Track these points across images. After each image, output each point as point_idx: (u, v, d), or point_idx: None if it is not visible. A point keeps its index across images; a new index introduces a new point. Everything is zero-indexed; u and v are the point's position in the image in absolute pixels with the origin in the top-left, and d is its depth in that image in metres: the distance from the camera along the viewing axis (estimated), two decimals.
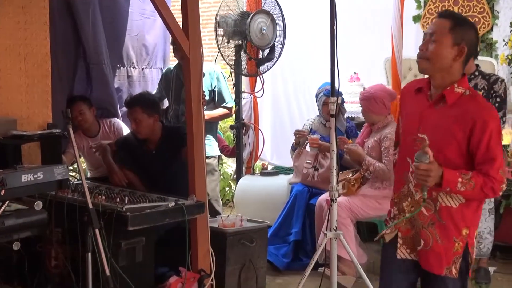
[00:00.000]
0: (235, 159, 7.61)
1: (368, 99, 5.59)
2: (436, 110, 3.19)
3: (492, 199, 5.38)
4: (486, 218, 5.40)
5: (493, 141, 3.06)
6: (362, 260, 5.32)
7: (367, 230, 6.35)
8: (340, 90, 4.79)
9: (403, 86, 3.56)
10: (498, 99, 5.23)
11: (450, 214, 3.17)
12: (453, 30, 3.10)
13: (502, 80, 5.31)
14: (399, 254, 3.33)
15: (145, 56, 6.77)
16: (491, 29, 8.69)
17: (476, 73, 5.27)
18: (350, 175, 5.60)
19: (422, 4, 8.93)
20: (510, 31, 7.92)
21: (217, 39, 6.24)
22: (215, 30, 6.24)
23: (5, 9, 4.76)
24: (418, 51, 3.19)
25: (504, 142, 8.13)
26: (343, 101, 6.18)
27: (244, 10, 6.51)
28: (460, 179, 3.03)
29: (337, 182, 4.32)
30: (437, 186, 3.07)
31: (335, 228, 4.48)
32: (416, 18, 8.89)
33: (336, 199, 4.38)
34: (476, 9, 8.73)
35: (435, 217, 3.18)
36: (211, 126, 6.03)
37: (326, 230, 4.46)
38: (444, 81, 3.18)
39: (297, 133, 6.29)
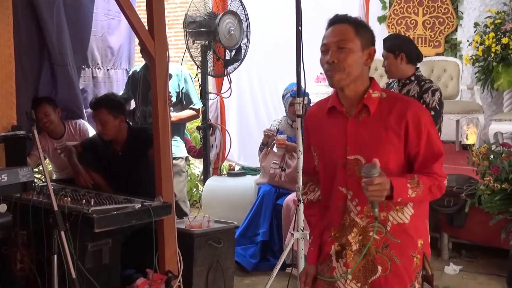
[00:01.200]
0: (202, 160, 7.61)
1: None
2: (360, 124, 2.89)
3: None
4: None
5: (432, 134, 2.86)
6: None
7: None
8: (306, 91, 4.82)
9: (306, 115, 3.20)
10: (432, 113, 4.71)
11: (404, 230, 2.90)
12: (358, 34, 2.86)
13: (436, 90, 4.86)
14: None
15: (110, 57, 6.73)
16: (456, 29, 8.81)
17: (413, 78, 4.90)
18: None
19: (387, 5, 9.02)
20: (474, 32, 8.02)
21: (186, 40, 6.23)
22: (184, 31, 6.22)
23: None
24: (326, 65, 2.87)
25: (469, 142, 8.25)
26: (309, 102, 6.21)
27: (211, 10, 6.52)
28: (409, 185, 2.77)
29: None
30: (389, 199, 2.75)
31: (302, 228, 4.50)
32: (381, 19, 8.98)
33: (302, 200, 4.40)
34: (440, 9, 8.84)
35: (388, 239, 2.89)
36: (178, 127, 6.02)
37: (293, 230, 4.48)
38: (357, 91, 2.90)
39: (268, 131, 6.28)
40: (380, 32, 8.27)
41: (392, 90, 4.95)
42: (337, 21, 2.92)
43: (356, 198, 2.88)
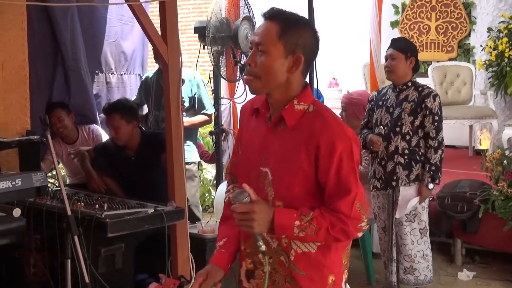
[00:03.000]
0: (214, 165, 7.60)
1: (357, 105, 5.57)
2: (276, 136, 2.47)
3: (425, 218, 5.02)
4: (417, 240, 4.98)
5: (344, 168, 2.36)
6: None
7: None
8: (322, 95, 4.82)
9: (241, 109, 2.79)
10: (436, 118, 4.79)
11: (310, 261, 2.47)
12: (283, 37, 2.38)
13: (436, 95, 4.84)
14: None
15: (124, 62, 6.76)
16: (469, 34, 8.80)
17: (409, 84, 4.92)
18: None
19: (400, 9, 9.02)
20: (487, 37, 8.01)
21: (210, 45, 6.21)
22: (207, 36, 6.20)
23: None
24: (246, 67, 2.47)
25: (482, 147, 8.23)
26: None
27: (225, 16, 6.53)
28: (297, 222, 2.31)
29: None
30: (272, 232, 2.36)
31: None
32: (394, 24, 8.99)
33: None
34: (453, 14, 8.83)
35: (292, 270, 2.46)
36: (191, 132, 6.02)
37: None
38: (281, 98, 2.46)
39: None
40: (393, 37, 8.27)
41: (386, 96, 4.97)
42: (267, 16, 2.46)
43: None
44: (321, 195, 2.42)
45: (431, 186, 4.86)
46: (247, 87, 2.62)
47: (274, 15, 2.43)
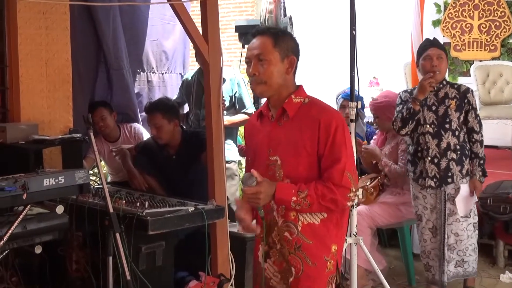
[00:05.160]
0: None
1: (386, 107, 5.53)
2: (281, 127, 3.09)
3: (475, 213, 5.13)
4: (471, 234, 5.09)
5: (337, 139, 2.94)
6: (381, 265, 5.28)
7: (386, 236, 6.34)
8: (362, 95, 4.80)
9: (245, 126, 3.51)
10: (477, 112, 5.02)
11: (314, 232, 3.02)
12: (277, 45, 3.02)
13: (472, 91, 5.08)
14: None
15: (165, 61, 6.80)
16: None
17: (444, 82, 5.06)
18: (368, 182, 5.56)
19: (442, 8, 8.93)
20: None
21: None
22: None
23: (27, 14, 4.80)
24: (250, 77, 3.07)
25: None
26: (363, 106, 6.14)
27: (272, 14, 6.54)
28: (294, 198, 2.91)
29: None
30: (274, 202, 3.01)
31: (355, 233, 4.47)
32: (436, 23, 8.90)
33: (356, 204, 4.37)
34: (496, 13, 8.72)
35: (299, 239, 3.02)
36: (231, 131, 6.04)
37: (346, 235, 4.46)
38: (281, 96, 3.09)
39: None
40: (435, 36, 8.19)
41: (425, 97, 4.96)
42: (258, 33, 3.09)
43: None
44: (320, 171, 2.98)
45: (483, 179, 5.02)
46: None
47: (264, 31, 3.09)
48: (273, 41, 3.02)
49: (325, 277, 3.03)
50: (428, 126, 4.95)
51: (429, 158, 4.97)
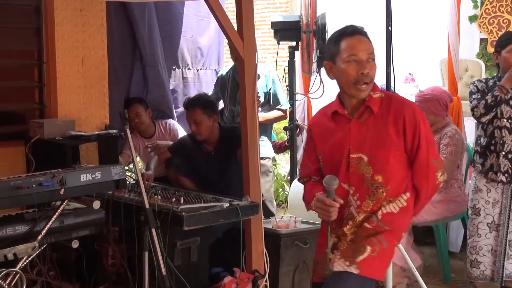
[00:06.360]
0: (289, 160, 7.60)
1: (431, 101, 5.47)
2: (362, 124, 3.17)
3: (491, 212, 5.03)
4: (486, 234, 5.01)
5: (422, 131, 3.13)
6: (416, 263, 5.22)
7: (421, 233, 6.29)
8: (397, 92, 4.76)
9: (310, 121, 3.58)
10: None
11: (392, 219, 3.17)
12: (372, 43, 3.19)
13: None
14: (336, 267, 3.15)
15: (200, 57, 6.81)
16: None
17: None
18: None
19: (479, 3, 8.81)
20: None
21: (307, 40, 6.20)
22: (306, 31, 6.18)
23: (64, 12, 4.85)
24: (359, 76, 3.11)
25: None
26: None
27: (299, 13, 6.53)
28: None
29: None
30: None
31: None
32: (472, 18, 8.78)
33: None
34: None
35: (379, 227, 3.17)
36: (266, 127, 6.03)
37: None
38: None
39: None
40: (471, 32, 8.10)
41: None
42: (360, 32, 3.19)
43: (357, 193, 3.18)
44: (408, 164, 3.17)
45: None
46: (323, 82, 3.57)
47: (363, 30, 3.20)
48: (369, 39, 3.18)
49: (389, 261, 3.23)
50: (505, 120, 4.86)
51: (504, 153, 4.88)
